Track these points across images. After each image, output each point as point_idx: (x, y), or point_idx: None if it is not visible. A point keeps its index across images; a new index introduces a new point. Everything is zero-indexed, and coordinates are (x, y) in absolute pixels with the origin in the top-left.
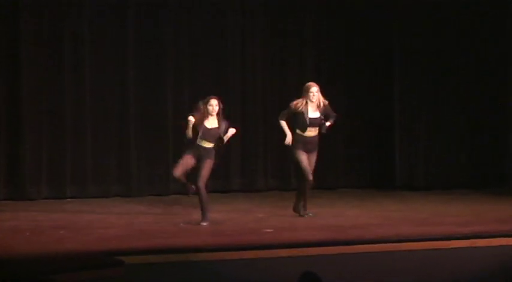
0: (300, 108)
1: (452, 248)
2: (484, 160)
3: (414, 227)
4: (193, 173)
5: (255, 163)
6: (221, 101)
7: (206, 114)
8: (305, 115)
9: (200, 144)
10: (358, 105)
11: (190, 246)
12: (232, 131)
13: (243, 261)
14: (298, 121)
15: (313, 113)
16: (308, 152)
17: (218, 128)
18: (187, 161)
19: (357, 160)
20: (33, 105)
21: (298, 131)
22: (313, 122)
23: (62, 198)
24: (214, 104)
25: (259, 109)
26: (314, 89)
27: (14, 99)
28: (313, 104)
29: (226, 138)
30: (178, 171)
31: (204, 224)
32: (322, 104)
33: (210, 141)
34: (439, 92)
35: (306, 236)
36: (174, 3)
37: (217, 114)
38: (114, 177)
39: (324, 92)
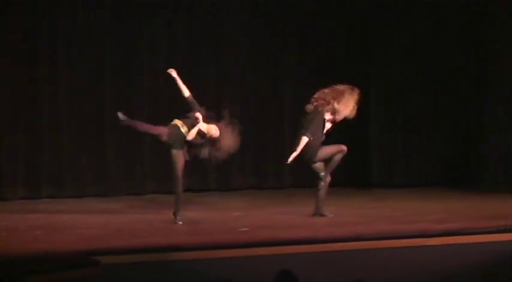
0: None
1: (428, 246)
2: (459, 159)
3: (390, 224)
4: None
5: (232, 162)
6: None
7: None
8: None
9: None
10: None
11: (167, 246)
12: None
13: (220, 260)
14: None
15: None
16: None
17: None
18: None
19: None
20: (9, 105)
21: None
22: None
23: (38, 198)
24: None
25: (237, 108)
26: None
27: None
28: None
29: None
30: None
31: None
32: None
33: None
34: (415, 92)
35: (282, 234)
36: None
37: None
38: (90, 177)
39: (301, 90)
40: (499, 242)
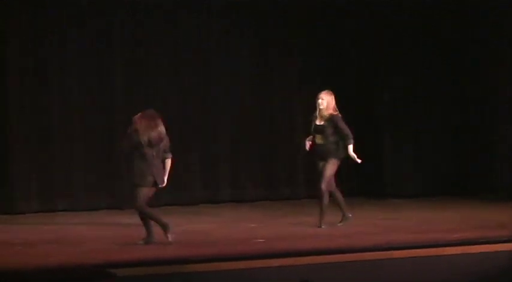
0: (313, 117)
1: (442, 255)
2: (472, 167)
3: (404, 234)
4: None
5: (245, 173)
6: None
7: None
8: (312, 122)
9: None
10: (346, 113)
11: (181, 258)
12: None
13: (235, 272)
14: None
15: (319, 120)
16: (320, 160)
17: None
18: None
19: (345, 168)
20: (21, 120)
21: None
22: (317, 129)
23: (52, 212)
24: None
25: (248, 119)
26: (319, 95)
27: (2, 116)
28: (321, 112)
29: None
30: None
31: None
32: (328, 114)
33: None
34: (427, 100)
35: (297, 245)
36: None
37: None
38: (104, 189)
39: (311, 100)
40: None
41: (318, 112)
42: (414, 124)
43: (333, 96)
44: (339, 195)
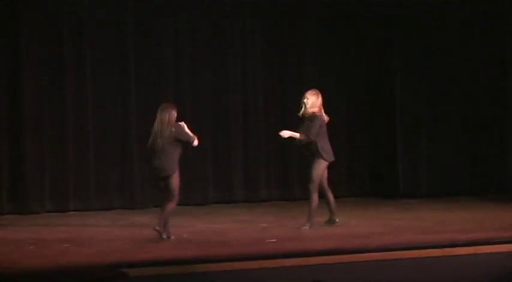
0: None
1: (455, 255)
2: (485, 167)
3: (417, 235)
4: None
5: (258, 173)
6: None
7: None
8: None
9: None
10: (360, 114)
11: (194, 258)
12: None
13: (248, 272)
14: None
15: (304, 119)
16: (309, 159)
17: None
18: None
19: (359, 169)
20: (35, 120)
21: None
22: (302, 128)
23: (65, 212)
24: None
25: (261, 119)
26: (305, 95)
27: (16, 116)
28: (306, 111)
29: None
30: None
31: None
32: (311, 112)
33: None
34: (440, 100)
35: (309, 245)
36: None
37: None
38: (117, 189)
39: (325, 101)
40: None
41: (302, 111)
42: (428, 125)
43: (319, 96)
44: (330, 197)
